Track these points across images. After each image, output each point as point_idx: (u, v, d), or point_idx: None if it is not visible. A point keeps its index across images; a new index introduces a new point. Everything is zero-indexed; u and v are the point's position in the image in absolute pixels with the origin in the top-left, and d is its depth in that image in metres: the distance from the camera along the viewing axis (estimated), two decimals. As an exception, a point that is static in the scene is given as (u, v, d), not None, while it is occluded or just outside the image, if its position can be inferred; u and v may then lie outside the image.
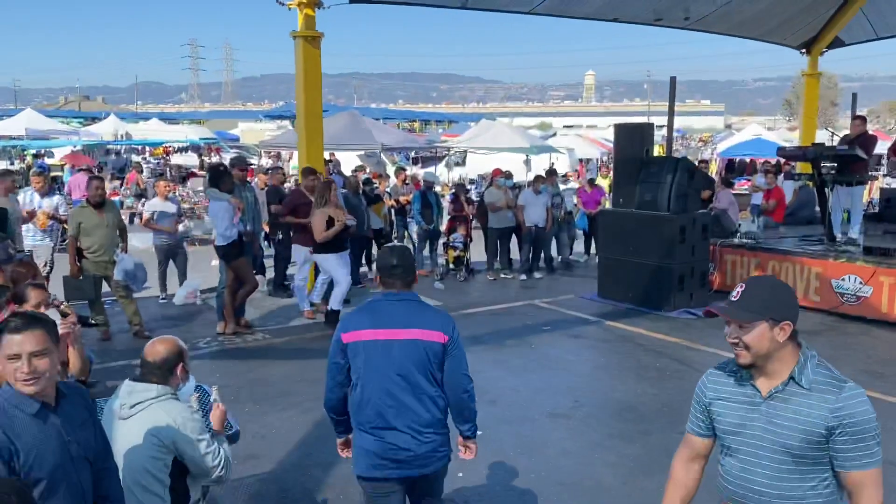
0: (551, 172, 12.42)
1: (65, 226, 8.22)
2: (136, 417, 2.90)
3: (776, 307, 2.22)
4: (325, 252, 8.01)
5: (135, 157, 26.91)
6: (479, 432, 4.07)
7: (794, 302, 2.28)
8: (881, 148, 13.99)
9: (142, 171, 21.05)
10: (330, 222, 7.80)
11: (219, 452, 3.03)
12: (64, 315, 3.87)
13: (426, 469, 3.12)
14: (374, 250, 11.40)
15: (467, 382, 3.12)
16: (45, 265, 8.08)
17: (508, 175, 11.77)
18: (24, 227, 8.21)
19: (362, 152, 18.53)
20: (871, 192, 12.43)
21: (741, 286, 2.25)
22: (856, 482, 2.12)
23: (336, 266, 8.07)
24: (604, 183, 15.13)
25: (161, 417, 2.90)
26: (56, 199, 8.75)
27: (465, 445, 3.31)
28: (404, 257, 3.19)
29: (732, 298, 2.24)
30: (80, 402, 2.50)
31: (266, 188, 10.20)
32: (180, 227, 10.14)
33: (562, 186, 12.84)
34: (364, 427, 3.10)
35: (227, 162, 10.90)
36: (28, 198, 8.46)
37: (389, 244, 3.75)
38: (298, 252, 8.91)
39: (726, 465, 2.31)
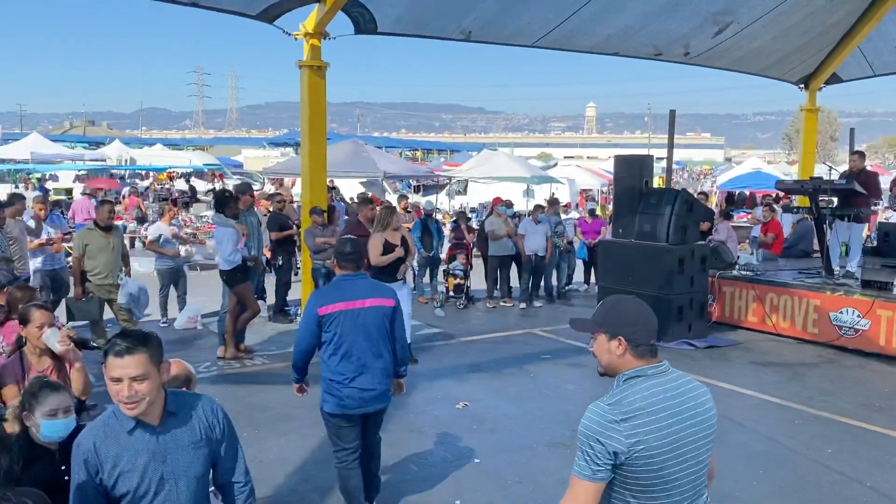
0: (553, 202, 12.52)
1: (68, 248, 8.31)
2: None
3: (613, 322, 2.25)
4: (378, 280, 7.61)
5: (143, 183, 27.12)
6: (476, 460, 4.11)
7: (635, 320, 2.27)
8: (882, 183, 14.12)
9: (139, 195, 21.20)
10: (388, 247, 7.40)
11: None
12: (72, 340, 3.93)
13: (381, 405, 4.24)
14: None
15: (406, 336, 4.38)
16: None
17: (509, 204, 11.87)
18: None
19: (364, 179, 18.68)
20: (871, 228, 12.50)
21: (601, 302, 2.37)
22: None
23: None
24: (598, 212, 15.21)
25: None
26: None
27: (399, 383, 4.41)
28: (355, 246, 4.30)
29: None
30: (192, 422, 2.47)
31: (268, 214, 10.31)
32: (182, 252, 10.21)
33: (562, 216, 12.93)
34: (342, 376, 4.08)
35: (229, 188, 11.02)
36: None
37: (346, 237, 4.39)
38: None
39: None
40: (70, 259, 8.51)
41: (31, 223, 8.49)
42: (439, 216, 14.06)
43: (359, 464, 4.23)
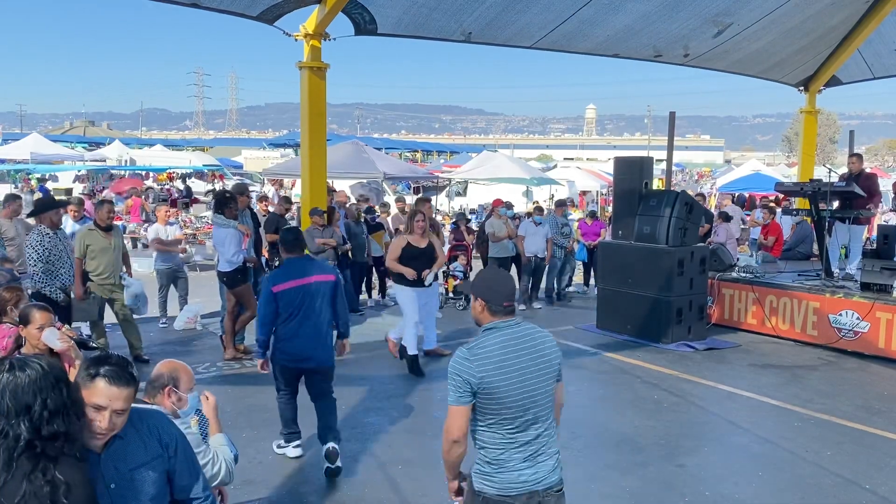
0: (561, 203, 12.53)
1: None
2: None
3: (478, 288, 2.95)
4: (401, 283, 7.57)
5: (145, 183, 27.11)
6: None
7: (491, 287, 2.93)
8: (881, 186, 14.13)
9: (142, 196, 21.16)
10: (411, 251, 7.34)
11: (217, 458, 3.03)
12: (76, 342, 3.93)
13: (326, 364, 5.18)
14: (375, 278, 11.45)
15: (347, 306, 5.37)
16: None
17: (509, 205, 11.88)
18: None
19: (355, 182, 18.68)
20: (871, 230, 12.51)
21: None
22: None
23: (407, 301, 7.55)
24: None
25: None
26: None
27: (343, 343, 5.36)
28: (297, 234, 5.42)
29: None
30: (141, 442, 2.34)
31: (266, 215, 10.31)
32: (181, 255, 10.21)
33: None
34: (289, 336, 5.03)
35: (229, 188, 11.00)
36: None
37: (289, 226, 5.93)
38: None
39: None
40: None
41: (31, 221, 8.48)
42: (439, 217, 14.06)
43: (293, 401, 5.30)
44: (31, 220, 7.88)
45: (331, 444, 4.98)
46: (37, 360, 2.15)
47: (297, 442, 5.31)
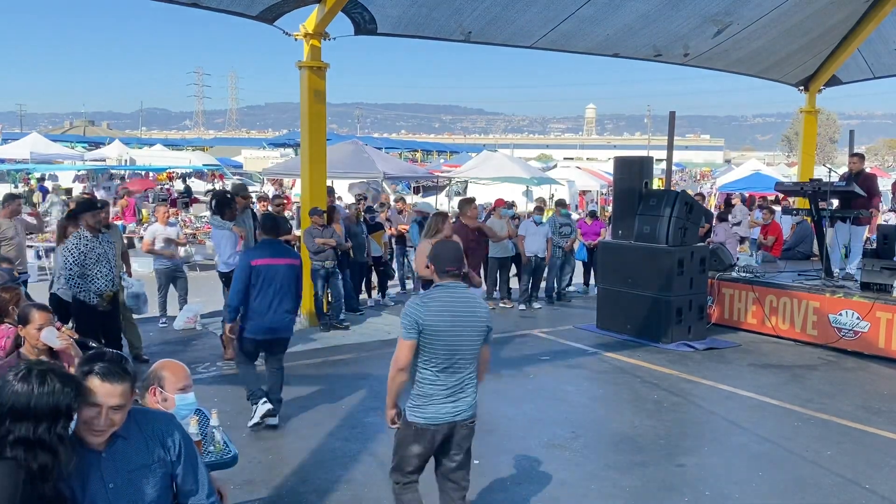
0: (560, 203, 12.52)
1: None
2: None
3: (432, 257, 3.72)
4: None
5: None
6: (475, 461, 4.10)
7: (440, 256, 3.69)
8: (881, 185, 14.14)
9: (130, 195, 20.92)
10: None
11: None
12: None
13: (286, 334, 6.00)
14: (374, 278, 11.45)
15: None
16: None
17: (511, 205, 11.87)
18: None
19: (353, 181, 18.66)
20: (871, 230, 12.51)
21: None
22: None
23: None
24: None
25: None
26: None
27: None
28: (275, 221, 6.26)
29: None
30: (143, 444, 2.32)
31: (264, 214, 10.28)
32: (181, 252, 10.19)
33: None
34: (261, 311, 5.71)
35: (229, 188, 10.98)
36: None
37: (268, 213, 6.55)
38: None
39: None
40: None
41: (31, 220, 8.48)
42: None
43: (253, 367, 6.01)
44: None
45: (272, 407, 5.81)
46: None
47: (263, 399, 5.83)
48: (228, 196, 8.28)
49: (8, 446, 1.94)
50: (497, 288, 11.51)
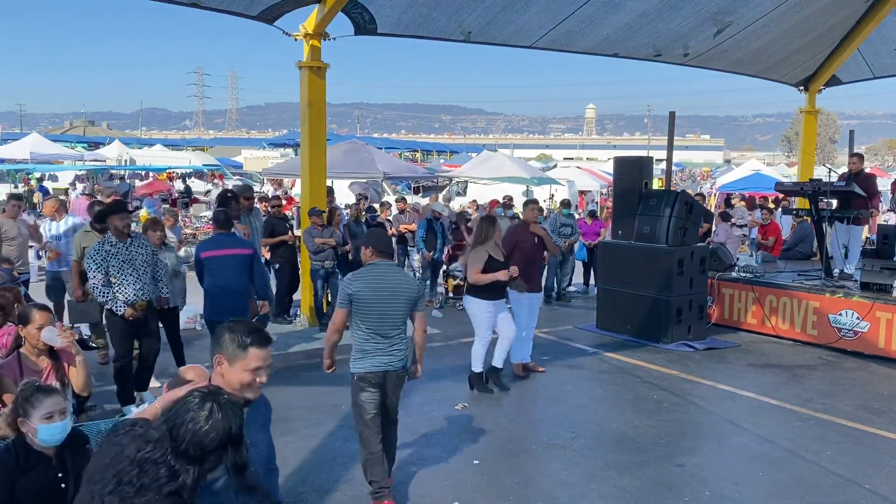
0: (564, 203, 12.53)
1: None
2: None
3: (366, 240, 4.71)
4: (476, 296, 6.79)
5: (140, 183, 27.01)
6: (475, 461, 4.10)
7: (372, 240, 4.65)
8: (879, 185, 14.11)
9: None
10: (492, 264, 6.64)
11: None
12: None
13: (243, 315, 5.81)
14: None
15: (266, 276, 7.02)
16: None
17: (508, 205, 11.87)
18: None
19: (351, 181, 18.64)
20: (871, 230, 12.50)
21: None
22: None
23: (485, 316, 6.81)
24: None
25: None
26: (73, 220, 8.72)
27: (263, 304, 6.78)
28: (227, 214, 6.87)
29: None
30: (261, 408, 2.75)
31: (266, 216, 10.26)
32: (181, 253, 10.18)
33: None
34: (220, 295, 6.36)
35: (229, 188, 10.96)
36: (46, 226, 8.54)
37: (221, 208, 6.76)
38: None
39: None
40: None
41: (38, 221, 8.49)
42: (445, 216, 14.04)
43: None
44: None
45: None
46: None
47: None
48: (230, 195, 8.27)
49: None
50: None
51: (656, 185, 14.54)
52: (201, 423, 2.03)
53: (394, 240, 12.16)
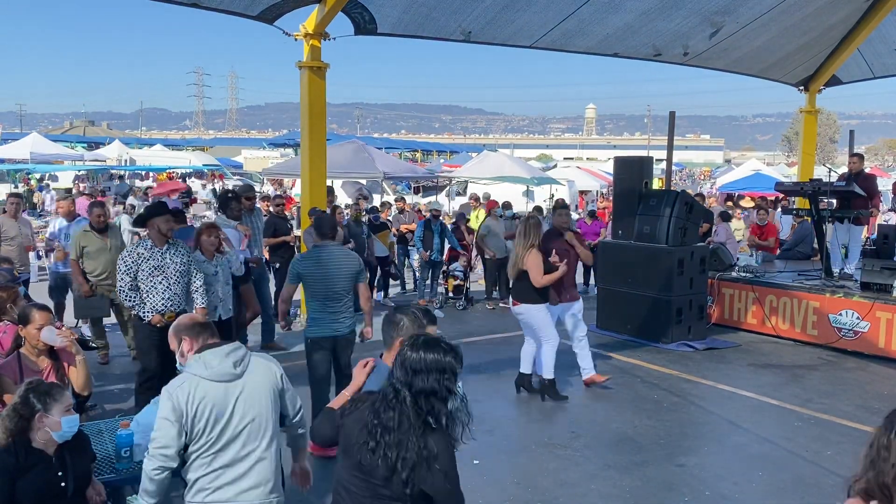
0: (563, 206, 12.56)
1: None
2: (251, 370, 3.04)
3: (316, 228, 5.59)
4: (533, 302, 6.63)
5: (143, 183, 27.03)
6: (475, 461, 4.08)
7: (317, 223, 5.66)
8: (879, 185, 14.11)
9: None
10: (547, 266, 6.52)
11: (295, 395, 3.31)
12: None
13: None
14: (378, 276, 11.42)
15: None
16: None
17: (507, 205, 11.88)
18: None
19: (343, 181, 18.62)
20: (870, 229, 12.50)
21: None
22: None
23: (546, 320, 6.69)
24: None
25: (264, 361, 3.15)
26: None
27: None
28: (180, 213, 7.20)
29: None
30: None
31: (267, 216, 10.26)
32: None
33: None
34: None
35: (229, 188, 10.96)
36: (56, 226, 8.53)
37: (175, 208, 6.83)
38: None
39: None
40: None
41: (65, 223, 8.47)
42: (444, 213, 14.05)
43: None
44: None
45: None
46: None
47: None
48: (230, 195, 8.27)
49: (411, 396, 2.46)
50: (497, 288, 11.51)
51: (656, 185, 14.54)
52: (421, 360, 2.47)
53: (394, 240, 12.19)
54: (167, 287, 5.59)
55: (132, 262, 5.56)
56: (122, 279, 5.59)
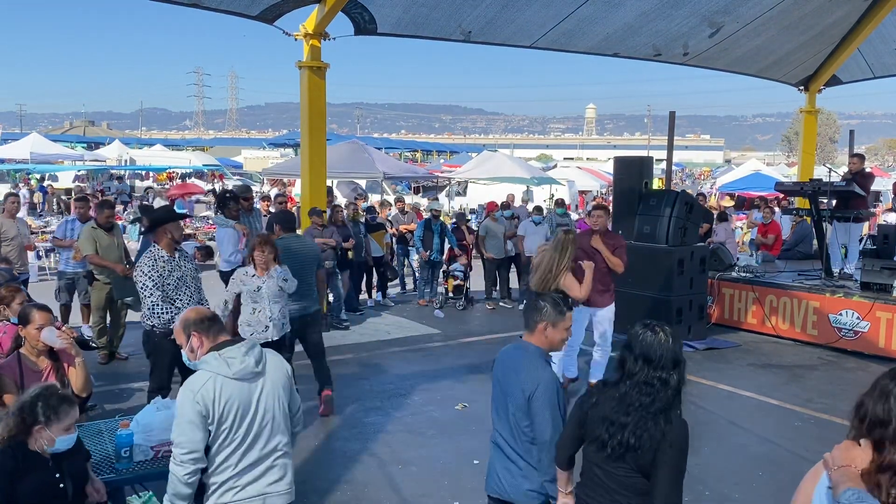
0: (559, 203, 12.55)
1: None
2: (268, 367, 3.03)
3: (277, 220, 6.93)
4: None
5: (143, 183, 27.03)
6: (475, 461, 4.08)
7: (282, 217, 6.91)
8: (879, 185, 14.15)
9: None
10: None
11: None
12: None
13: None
14: (375, 278, 11.44)
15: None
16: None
17: (506, 205, 11.88)
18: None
19: (338, 181, 18.64)
20: (870, 228, 12.50)
21: None
22: None
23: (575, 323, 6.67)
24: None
25: (276, 358, 3.12)
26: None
27: None
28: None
29: None
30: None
31: (267, 216, 10.27)
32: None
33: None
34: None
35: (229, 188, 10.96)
36: (69, 227, 8.52)
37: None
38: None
39: None
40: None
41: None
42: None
43: None
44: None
45: None
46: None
47: None
48: (228, 195, 8.27)
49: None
50: (497, 288, 11.51)
51: (656, 185, 14.54)
52: (658, 343, 2.67)
53: (394, 240, 12.19)
54: (190, 296, 5.24)
55: (158, 277, 5.10)
56: (151, 294, 5.08)
